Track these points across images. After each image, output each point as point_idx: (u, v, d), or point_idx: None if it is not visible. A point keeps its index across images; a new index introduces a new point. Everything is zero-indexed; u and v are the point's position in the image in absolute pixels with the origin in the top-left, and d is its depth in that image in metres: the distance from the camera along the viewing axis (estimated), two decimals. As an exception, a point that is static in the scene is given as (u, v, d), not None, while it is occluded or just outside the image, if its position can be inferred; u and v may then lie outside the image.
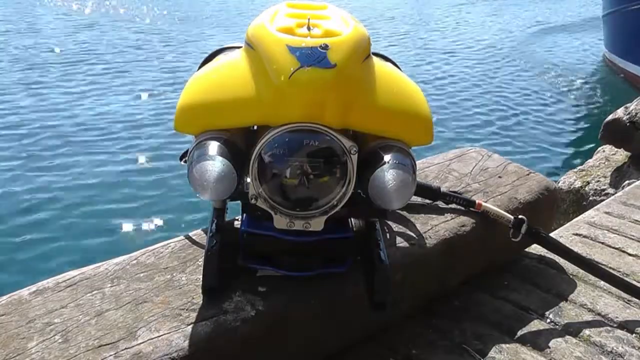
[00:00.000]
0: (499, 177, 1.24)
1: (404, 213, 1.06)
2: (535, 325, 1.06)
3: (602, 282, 1.14)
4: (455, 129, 5.34)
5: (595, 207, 1.59)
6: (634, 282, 1.15)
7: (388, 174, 0.73)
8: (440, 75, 7.12)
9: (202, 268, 0.80)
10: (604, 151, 2.81)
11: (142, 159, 4.34)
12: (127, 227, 3.45)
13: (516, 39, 9.67)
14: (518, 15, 12.00)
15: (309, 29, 0.78)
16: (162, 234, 3.28)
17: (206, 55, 0.95)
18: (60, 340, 0.71)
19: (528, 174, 1.27)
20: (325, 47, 0.73)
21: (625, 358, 0.98)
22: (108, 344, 0.71)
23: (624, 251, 1.33)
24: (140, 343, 0.72)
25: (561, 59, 8.45)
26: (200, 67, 0.90)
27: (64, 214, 3.54)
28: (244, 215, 0.84)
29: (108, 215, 3.55)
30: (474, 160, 1.31)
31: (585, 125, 5.73)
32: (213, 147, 0.72)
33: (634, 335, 1.05)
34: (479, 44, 9.09)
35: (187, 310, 0.78)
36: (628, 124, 2.37)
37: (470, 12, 12.28)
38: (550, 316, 1.08)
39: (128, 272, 0.85)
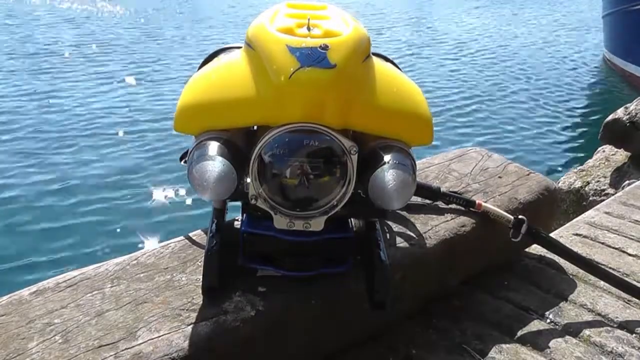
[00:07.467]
0: (499, 177, 1.24)
1: (404, 213, 1.06)
2: (535, 325, 1.06)
3: (602, 282, 1.14)
4: (455, 129, 5.34)
5: (595, 207, 1.59)
6: (634, 282, 1.15)
7: (388, 174, 0.73)
8: (440, 75, 7.12)
9: (202, 268, 0.80)
10: (604, 151, 2.81)
11: (141, 158, 4.34)
12: (128, 226, 3.45)
13: (516, 38, 9.67)
14: (518, 16, 12.01)
15: (308, 29, 0.78)
16: (162, 234, 3.29)
17: (206, 55, 0.95)
18: (60, 341, 0.71)
19: (528, 174, 1.27)
20: (325, 47, 0.73)
21: (625, 358, 0.98)
22: (108, 344, 0.71)
23: (624, 251, 1.33)
24: (141, 343, 0.72)
25: (561, 58, 8.45)
26: (200, 67, 0.90)
27: (62, 212, 3.54)
28: (244, 215, 0.84)
29: (107, 215, 3.55)
30: (474, 160, 1.31)
31: (585, 125, 5.73)
32: (213, 147, 0.72)
33: (634, 335, 1.05)
34: (479, 43, 9.10)
35: (187, 310, 0.78)
36: (628, 124, 2.38)
37: (471, 12, 12.29)
38: (550, 316, 1.08)
39: (128, 273, 0.85)
